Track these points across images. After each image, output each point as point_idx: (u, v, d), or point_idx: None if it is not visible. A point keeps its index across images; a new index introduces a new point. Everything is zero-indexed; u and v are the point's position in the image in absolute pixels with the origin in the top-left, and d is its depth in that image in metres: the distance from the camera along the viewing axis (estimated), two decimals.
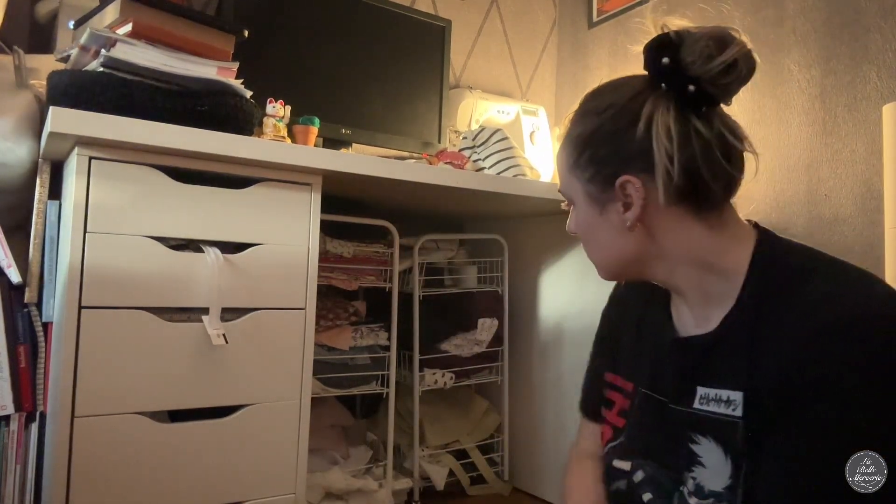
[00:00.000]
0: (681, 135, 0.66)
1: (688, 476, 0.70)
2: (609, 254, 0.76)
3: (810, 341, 0.59)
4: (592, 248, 0.78)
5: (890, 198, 1.22)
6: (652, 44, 0.69)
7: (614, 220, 0.72)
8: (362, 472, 1.50)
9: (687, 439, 0.71)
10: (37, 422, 1.10)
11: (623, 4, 2.08)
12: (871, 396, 0.56)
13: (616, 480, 0.79)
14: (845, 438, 0.56)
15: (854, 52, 1.47)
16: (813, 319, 0.60)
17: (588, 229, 0.77)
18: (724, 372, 0.68)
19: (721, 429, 0.67)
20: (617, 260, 0.76)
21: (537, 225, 1.78)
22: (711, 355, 0.70)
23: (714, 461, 0.68)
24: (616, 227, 0.73)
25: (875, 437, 0.56)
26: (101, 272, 0.96)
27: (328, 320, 1.45)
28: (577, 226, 0.79)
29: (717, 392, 0.68)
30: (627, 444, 0.79)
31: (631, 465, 0.77)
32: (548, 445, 1.71)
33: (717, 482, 0.67)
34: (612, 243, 0.74)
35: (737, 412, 0.66)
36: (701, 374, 0.71)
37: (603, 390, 0.87)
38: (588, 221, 0.76)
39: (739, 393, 0.66)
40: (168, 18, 1.09)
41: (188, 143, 0.99)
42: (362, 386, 1.49)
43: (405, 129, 1.73)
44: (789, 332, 0.61)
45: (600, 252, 0.77)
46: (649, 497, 0.73)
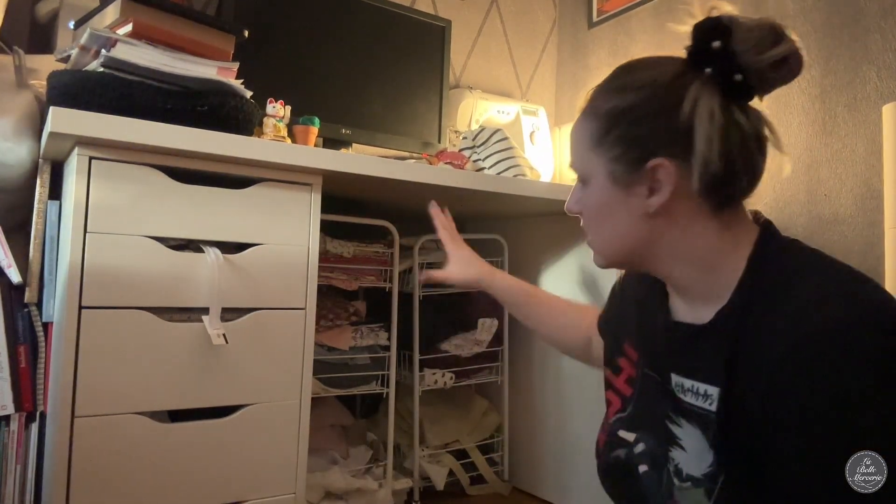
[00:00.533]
0: (723, 123, 0.64)
1: (669, 455, 0.71)
2: (617, 239, 0.73)
3: (801, 345, 0.58)
4: (599, 231, 0.74)
5: (890, 198, 1.22)
6: (703, 24, 0.66)
7: (634, 204, 0.70)
8: (362, 472, 1.50)
9: (669, 420, 0.72)
10: (37, 422, 1.10)
11: (623, 4, 2.08)
12: (867, 398, 0.56)
13: (617, 448, 0.79)
14: (844, 439, 0.56)
15: (854, 52, 1.47)
16: (803, 323, 0.59)
17: (601, 211, 0.73)
18: (702, 366, 0.68)
19: (700, 420, 0.68)
20: (622, 247, 0.73)
21: (537, 225, 1.78)
22: (694, 346, 0.70)
23: (694, 446, 0.68)
24: (633, 212, 0.70)
25: (874, 438, 0.56)
26: (101, 272, 0.96)
27: (328, 320, 1.45)
28: (585, 206, 0.74)
29: (693, 384, 0.69)
30: (633, 416, 0.80)
31: (635, 437, 0.77)
32: (548, 445, 1.71)
33: (697, 468, 0.67)
34: (624, 228, 0.71)
35: (712, 407, 0.66)
36: (677, 362, 0.72)
37: (616, 357, 0.86)
38: (604, 203, 0.72)
39: (716, 389, 0.66)
40: (168, 18, 1.10)
41: (188, 143, 0.99)
42: (362, 386, 1.49)
43: (405, 129, 1.73)
44: (779, 335, 0.61)
45: (607, 236, 0.74)
46: (644, 469, 0.74)
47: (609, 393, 0.85)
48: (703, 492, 0.66)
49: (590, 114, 0.72)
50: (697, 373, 0.69)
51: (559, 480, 1.66)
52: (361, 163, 1.17)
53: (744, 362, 0.64)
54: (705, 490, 0.66)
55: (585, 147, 0.72)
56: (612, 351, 0.88)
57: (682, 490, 0.69)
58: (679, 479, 0.69)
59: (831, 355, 0.57)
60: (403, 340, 1.58)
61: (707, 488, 0.66)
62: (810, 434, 0.58)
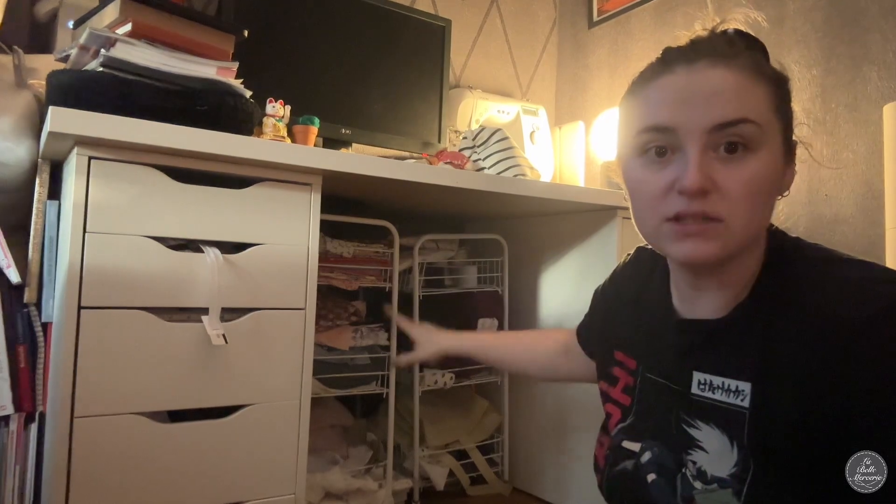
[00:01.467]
0: None
1: (687, 459, 0.69)
2: (763, 220, 0.65)
3: (875, 321, 0.56)
4: (752, 209, 0.62)
5: (890, 198, 1.22)
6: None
7: (784, 182, 0.67)
8: (362, 473, 1.50)
9: (685, 423, 0.70)
10: (36, 422, 1.10)
11: (623, 4, 2.08)
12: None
13: (624, 461, 0.77)
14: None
15: (854, 52, 1.47)
16: (868, 303, 0.57)
17: (768, 184, 0.63)
18: (730, 361, 0.66)
19: (725, 417, 0.66)
20: (759, 229, 0.65)
21: (537, 225, 1.77)
22: (716, 342, 0.68)
23: (716, 447, 0.66)
24: (777, 191, 0.66)
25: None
26: (100, 272, 0.96)
27: (328, 320, 1.45)
28: (750, 177, 0.61)
29: (723, 381, 0.67)
30: (636, 426, 0.78)
31: (640, 447, 0.75)
32: (548, 445, 1.70)
33: (722, 468, 0.65)
34: (770, 208, 0.65)
35: (744, 403, 0.64)
36: (700, 360, 0.70)
37: (609, 367, 0.85)
38: (774, 175, 0.64)
39: (748, 384, 0.64)
40: (168, 18, 1.09)
41: (188, 143, 0.99)
42: (362, 386, 1.49)
43: (405, 129, 1.73)
44: (825, 321, 0.59)
45: (758, 215, 0.64)
46: (653, 478, 0.72)
47: (608, 406, 0.84)
48: (731, 492, 0.64)
49: (757, 72, 0.63)
50: (727, 369, 0.66)
51: (559, 480, 1.66)
52: (361, 163, 1.17)
53: (781, 354, 0.62)
54: (733, 491, 0.64)
55: (770, 109, 0.63)
56: (603, 362, 0.87)
57: (707, 493, 0.67)
58: (703, 482, 0.67)
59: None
60: (403, 340, 1.58)
61: (735, 489, 0.64)
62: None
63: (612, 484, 0.79)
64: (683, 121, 0.62)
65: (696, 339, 0.71)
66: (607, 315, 0.91)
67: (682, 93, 0.62)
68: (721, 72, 0.62)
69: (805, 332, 0.61)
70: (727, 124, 0.60)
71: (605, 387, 0.86)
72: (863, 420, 0.57)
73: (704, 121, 0.61)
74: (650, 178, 0.65)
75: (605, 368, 0.86)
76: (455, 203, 1.59)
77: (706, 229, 0.62)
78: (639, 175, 0.67)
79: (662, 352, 0.75)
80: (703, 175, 0.61)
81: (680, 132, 0.62)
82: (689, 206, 0.61)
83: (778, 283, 0.65)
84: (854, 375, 0.57)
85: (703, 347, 0.70)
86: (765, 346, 0.63)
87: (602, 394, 0.86)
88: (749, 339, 0.65)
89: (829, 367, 0.58)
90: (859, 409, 0.57)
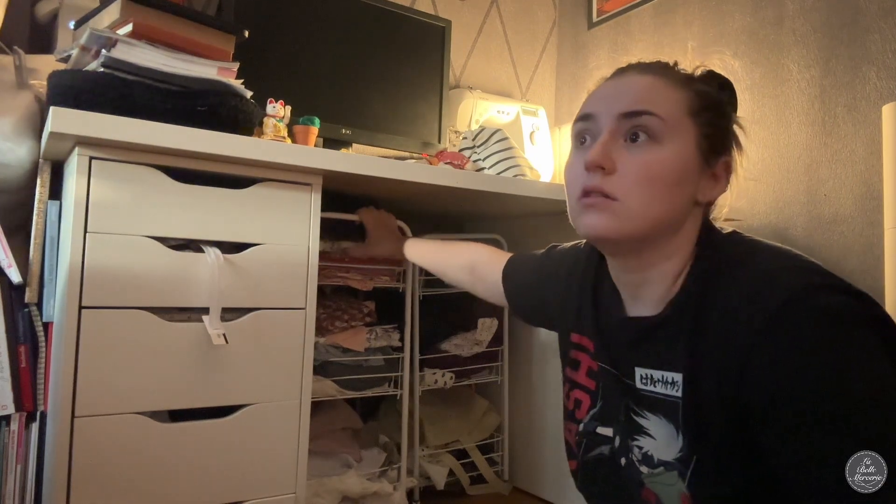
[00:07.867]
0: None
1: (632, 444, 0.74)
2: (664, 212, 0.68)
3: (762, 322, 0.60)
4: (650, 194, 0.67)
5: (889, 198, 1.22)
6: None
7: (701, 185, 0.71)
8: (377, 476, 1.50)
9: (633, 412, 0.74)
10: (37, 422, 1.10)
11: (623, 4, 2.08)
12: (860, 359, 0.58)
13: (599, 446, 0.80)
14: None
15: (854, 52, 1.47)
16: (760, 299, 0.61)
17: (673, 175, 0.68)
18: (666, 354, 0.70)
19: (667, 407, 0.70)
20: (660, 220, 0.68)
21: (537, 225, 1.78)
22: (653, 338, 0.72)
23: (663, 434, 0.70)
24: (692, 193, 0.70)
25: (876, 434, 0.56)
26: (101, 272, 0.96)
27: (343, 321, 1.43)
28: (645, 164, 0.67)
29: (662, 374, 0.71)
30: (603, 410, 0.81)
31: (612, 431, 0.79)
32: (548, 445, 1.71)
33: (667, 453, 0.70)
34: (677, 203, 0.69)
35: (678, 392, 0.68)
36: (641, 356, 0.73)
37: (568, 350, 0.88)
38: (681, 169, 0.68)
39: (679, 375, 0.68)
40: (168, 19, 1.09)
41: (188, 143, 0.99)
42: (376, 388, 1.49)
43: (405, 129, 1.73)
44: (736, 313, 0.63)
45: (657, 203, 0.68)
46: (624, 461, 0.76)
47: (576, 392, 0.86)
48: (677, 475, 0.68)
49: (677, 81, 0.71)
50: (663, 363, 0.71)
51: (559, 480, 1.66)
52: (362, 163, 1.17)
53: (704, 345, 0.66)
54: (678, 473, 0.68)
55: (681, 110, 0.69)
56: (561, 344, 0.90)
57: (654, 476, 0.71)
58: (650, 466, 0.71)
59: (794, 329, 0.59)
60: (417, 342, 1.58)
61: (680, 471, 0.68)
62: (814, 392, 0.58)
63: (587, 469, 0.82)
64: (601, 109, 0.71)
65: (634, 336, 0.75)
66: (550, 284, 0.95)
67: (607, 90, 0.73)
68: (642, 76, 0.72)
69: (720, 324, 0.65)
70: (632, 113, 0.68)
71: (569, 372, 0.88)
72: (757, 412, 0.61)
73: (613, 109, 0.70)
74: (573, 161, 0.74)
75: (565, 351, 0.90)
76: (455, 203, 1.60)
77: (603, 203, 0.68)
78: (568, 161, 0.75)
79: (611, 347, 0.79)
80: (605, 153, 0.68)
81: (598, 118, 0.71)
82: (591, 181, 0.68)
83: (705, 277, 0.69)
84: (753, 368, 0.61)
85: (642, 344, 0.74)
86: (691, 339, 0.67)
87: (568, 380, 0.88)
88: (679, 333, 0.69)
89: (737, 359, 0.62)
90: (755, 401, 0.61)
